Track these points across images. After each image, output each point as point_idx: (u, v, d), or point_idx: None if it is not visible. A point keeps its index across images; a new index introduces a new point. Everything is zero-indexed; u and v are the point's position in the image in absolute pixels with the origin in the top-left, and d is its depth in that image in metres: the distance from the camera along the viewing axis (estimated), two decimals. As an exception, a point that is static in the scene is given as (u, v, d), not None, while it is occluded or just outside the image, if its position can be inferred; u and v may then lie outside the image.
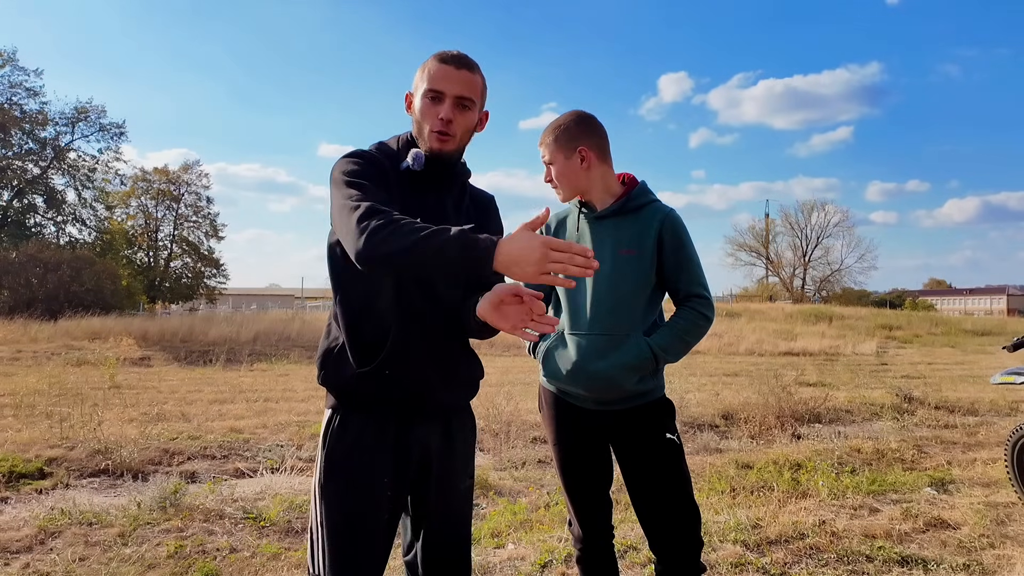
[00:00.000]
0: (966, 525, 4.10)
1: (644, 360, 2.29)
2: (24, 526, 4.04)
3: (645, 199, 2.41)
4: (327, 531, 1.75)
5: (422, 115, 1.82)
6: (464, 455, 1.92)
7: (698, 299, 2.38)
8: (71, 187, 38.13)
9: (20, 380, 10.08)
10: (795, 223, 66.06)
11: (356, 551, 1.75)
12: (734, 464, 5.69)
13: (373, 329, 1.77)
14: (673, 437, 2.38)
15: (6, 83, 35.51)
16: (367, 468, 1.76)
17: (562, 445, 2.44)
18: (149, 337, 18.66)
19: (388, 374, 1.74)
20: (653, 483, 2.36)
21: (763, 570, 3.49)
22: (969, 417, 8.39)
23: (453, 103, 1.80)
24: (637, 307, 2.35)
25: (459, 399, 1.92)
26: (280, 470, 5.48)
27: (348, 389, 1.78)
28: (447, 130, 1.79)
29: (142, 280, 41.69)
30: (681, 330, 2.34)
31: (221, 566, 3.53)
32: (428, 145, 1.82)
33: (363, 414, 1.79)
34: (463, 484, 1.92)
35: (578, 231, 2.43)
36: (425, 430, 1.82)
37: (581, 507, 2.45)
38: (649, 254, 2.35)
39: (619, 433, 2.38)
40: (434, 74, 1.80)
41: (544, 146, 2.40)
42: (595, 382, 2.31)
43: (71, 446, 5.76)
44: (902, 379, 11.60)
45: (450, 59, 1.81)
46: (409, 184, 1.82)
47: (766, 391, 8.16)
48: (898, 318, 35.47)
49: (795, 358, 18.15)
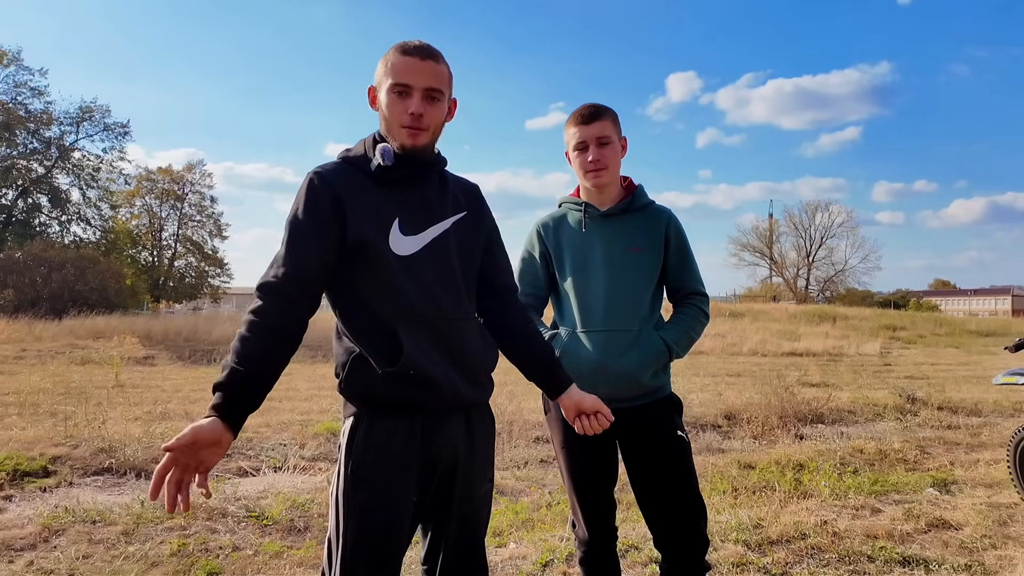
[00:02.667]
0: (968, 526, 4.10)
1: (660, 354, 2.33)
2: (28, 524, 4.06)
3: (647, 199, 2.47)
4: (352, 545, 1.69)
5: (390, 111, 1.76)
6: (485, 457, 1.89)
7: (700, 297, 2.48)
8: (75, 186, 38.26)
9: (25, 379, 10.11)
10: (799, 223, 66.12)
11: (381, 567, 1.70)
12: (736, 464, 5.69)
13: (385, 337, 1.73)
14: (683, 434, 2.39)
15: (11, 82, 35.64)
16: (396, 481, 1.71)
17: (570, 446, 2.40)
18: (153, 336, 18.73)
19: (413, 374, 1.70)
20: (662, 480, 2.36)
21: (764, 570, 3.49)
22: (972, 418, 8.38)
23: (422, 96, 1.75)
24: (646, 303, 2.40)
25: (481, 394, 1.88)
26: (283, 469, 5.51)
27: (374, 394, 1.72)
28: (418, 124, 1.75)
29: (146, 279, 41.81)
30: (687, 326, 2.42)
31: (224, 564, 3.55)
32: (399, 142, 1.77)
33: (389, 419, 1.73)
34: (483, 488, 1.88)
35: (584, 229, 2.43)
36: (450, 430, 1.79)
37: (588, 508, 2.42)
38: (657, 252, 2.41)
39: (629, 430, 2.36)
40: (398, 67, 1.75)
41: (604, 122, 2.35)
42: (619, 379, 2.31)
43: (75, 444, 5.79)
44: (905, 380, 11.59)
45: (413, 50, 1.76)
46: (385, 182, 1.77)
47: (769, 391, 8.17)
48: (902, 319, 35.42)
49: (798, 358, 18.13)
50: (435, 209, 1.82)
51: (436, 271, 1.78)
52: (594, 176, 2.37)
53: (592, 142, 2.34)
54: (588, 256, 2.40)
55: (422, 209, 1.80)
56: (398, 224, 1.76)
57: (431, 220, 1.81)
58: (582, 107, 2.39)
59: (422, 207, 1.80)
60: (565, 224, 2.49)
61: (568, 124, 2.41)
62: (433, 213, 1.82)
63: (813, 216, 65.70)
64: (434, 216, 1.82)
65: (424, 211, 1.80)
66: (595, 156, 2.34)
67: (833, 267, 65.68)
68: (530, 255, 2.53)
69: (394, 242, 1.74)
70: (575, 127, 2.37)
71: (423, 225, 1.79)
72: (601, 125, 2.35)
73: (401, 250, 1.75)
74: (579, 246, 2.43)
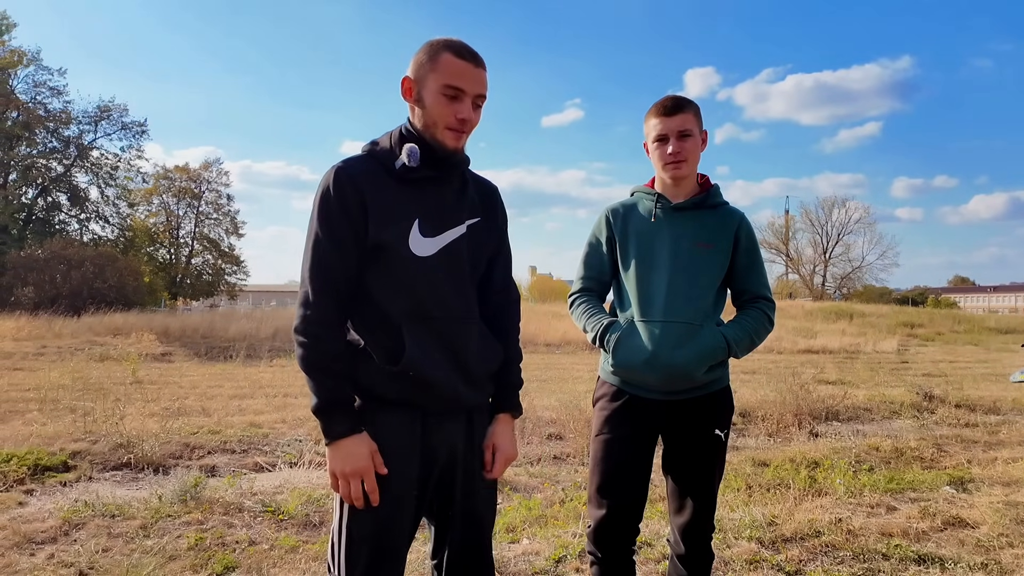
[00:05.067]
0: (985, 524, 4.06)
1: (719, 350, 2.31)
2: (49, 517, 4.13)
3: (722, 199, 2.45)
4: (355, 537, 1.74)
5: (436, 111, 1.75)
6: (484, 455, 1.90)
7: (766, 302, 2.44)
8: (94, 185, 38.75)
9: (45, 375, 10.25)
10: (815, 220, 65.48)
11: (383, 558, 1.74)
12: (750, 462, 5.67)
13: (389, 334, 1.76)
14: (720, 433, 2.38)
15: (30, 82, 36.16)
16: (395, 472, 1.74)
17: (613, 435, 2.38)
18: (170, 333, 18.91)
19: (413, 375, 1.73)
20: (690, 473, 2.40)
21: (778, 567, 3.48)
22: (991, 416, 8.30)
23: (472, 102, 1.77)
24: (709, 299, 2.37)
25: (482, 397, 1.90)
26: (298, 464, 5.55)
27: (374, 390, 1.75)
28: (463, 128, 1.77)
29: (164, 277, 42.24)
30: (751, 328, 2.38)
31: (240, 558, 3.59)
32: (443, 142, 1.77)
33: (389, 415, 1.76)
34: (485, 486, 1.90)
35: (653, 220, 2.41)
36: (450, 430, 1.82)
37: (615, 499, 2.36)
38: (725, 251, 2.39)
39: (673, 422, 2.38)
40: (453, 70, 1.74)
41: (687, 115, 2.33)
42: (670, 371, 2.29)
43: (94, 440, 5.87)
44: (923, 377, 11.50)
45: (467, 55, 1.76)
46: (406, 181, 1.78)
47: (784, 389, 8.12)
48: (920, 316, 35.10)
49: (815, 356, 18.02)
50: (453, 212, 1.84)
51: (448, 273, 1.80)
52: (673, 168, 2.34)
53: (673, 135, 2.32)
54: (654, 246, 2.38)
55: (440, 211, 1.81)
56: (418, 225, 1.77)
57: (448, 223, 1.82)
58: (664, 98, 2.36)
59: (441, 209, 1.82)
60: (635, 212, 2.47)
61: (649, 115, 2.38)
62: (451, 216, 1.83)
63: (830, 212, 65.13)
64: (451, 219, 1.83)
65: (442, 213, 1.82)
66: (675, 149, 2.32)
67: (850, 264, 65.14)
68: (597, 240, 2.52)
69: (414, 243, 1.76)
70: (657, 118, 2.35)
71: (441, 228, 1.81)
72: (683, 118, 2.32)
73: (420, 251, 1.77)
74: (646, 235, 2.40)
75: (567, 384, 9.76)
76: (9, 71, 34.76)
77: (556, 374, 11.98)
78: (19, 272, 27.05)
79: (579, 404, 7.03)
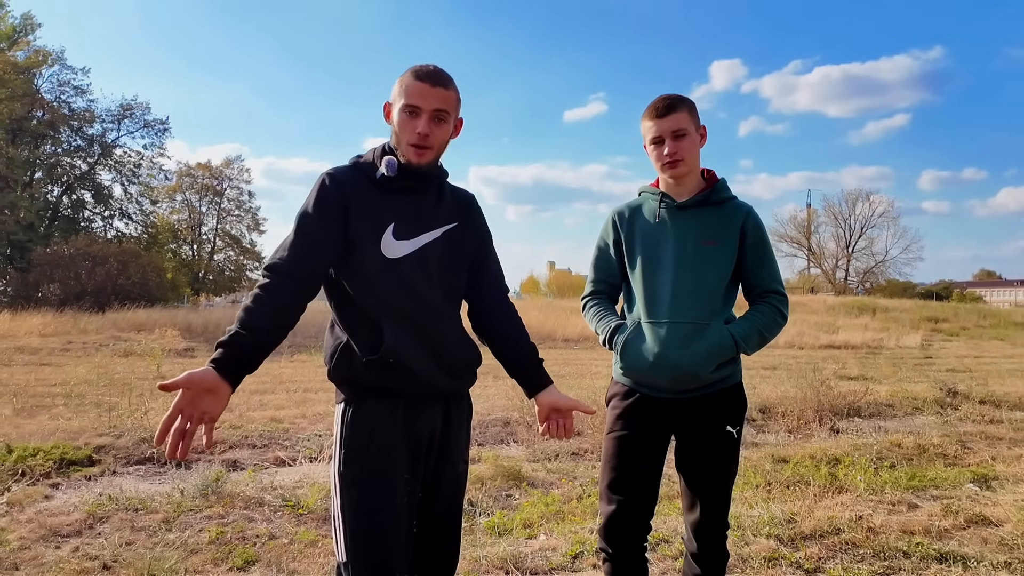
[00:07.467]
0: (1009, 522, 4.01)
1: (726, 348, 2.30)
2: (74, 511, 4.20)
3: (727, 194, 2.42)
4: (351, 515, 1.86)
5: (400, 128, 1.95)
6: (459, 440, 2.06)
7: (776, 296, 2.40)
8: (117, 182, 39.11)
9: (70, 370, 10.41)
10: (839, 213, 64.75)
11: (382, 533, 1.84)
12: (770, 458, 5.63)
13: (370, 329, 1.90)
14: (732, 431, 2.37)
15: (55, 82, 36.53)
16: (384, 453, 1.88)
17: (624, 433, 2.38)
18: (193, 329, 19.13)
19: (392, 362, 1.87)
20: (702, 471, 2.40)
21: (797, 564, 3.46)
22: (1016, 412, 8.17)
23: (429, 117, 1.93)
24: (717, 297, 2.35)
25: (458, 386, 2.05)
26: (318, 459, 5.60)
27: (358, 379, 1.90)
28: (424, 143, 1.93)
29: (186, 273, 42.68)
30: (760, 324, 2.35)
31: (260, 552, 3.63)
32: (408, 159, 1.95)
33: (374, 401, 1.91)
34: (459, 468, 2.07)
35: (657, 219, 2.41)
36: (430, 415, 1.97)
37: (625, 495, 2.36)
38: (731, 246, 2.37)
39: (685, 420, 2.37)
40: (411, 90, 1.93)
41: (679, 114, 2.32)
42: (678, 372, 2.29)
43: (118, 434, 5.95)
44: (947, 373, 11.35)
45: (425, 76, 1.94)
46: (387, 189, 1.96)
47: (804, 385, 8.04)
48: (944, 310, 34.64)
49: (836, 351, 17.85)
50: (429, 218, 2.01)
51: (423, 273, 1.96)
52: (671, 168, 2.35)
53: (668, 136, 2.32)
54: (659, 247, 2.38)
55: (417, 217, 1.99)
56: (392, 229, 1.94)
57: (424, 228, 1.99)
58: (657, 100, 2.36)
59: (417, 215, 1.99)
60: (640, 214, 2.47)
61: (643, 118, 2.38)
62: (427, 222, 2.00)
63: (853, 206, 64.34)
64: (427, 225, 2.00)
65: (418, 219, 1.99)
66: (671, 149, 2.32)
67: (873, 258, 64.29)
68: (605, 243, 2.54)
69: (386, 245, 1.93)
70: (650, 121, 2.35)
71: (416, 232, 1.98)
72: (676, 118, 2.32)
73: (391, 253, 1.93)
74: (651, 236, 2.41)
75: (585, 380, 9.74)
76: (34, 71, 35.22)
77: (574, 369, 11.95)
78: (45, 269, 27.48)
79: (597, 400, 7.01)
